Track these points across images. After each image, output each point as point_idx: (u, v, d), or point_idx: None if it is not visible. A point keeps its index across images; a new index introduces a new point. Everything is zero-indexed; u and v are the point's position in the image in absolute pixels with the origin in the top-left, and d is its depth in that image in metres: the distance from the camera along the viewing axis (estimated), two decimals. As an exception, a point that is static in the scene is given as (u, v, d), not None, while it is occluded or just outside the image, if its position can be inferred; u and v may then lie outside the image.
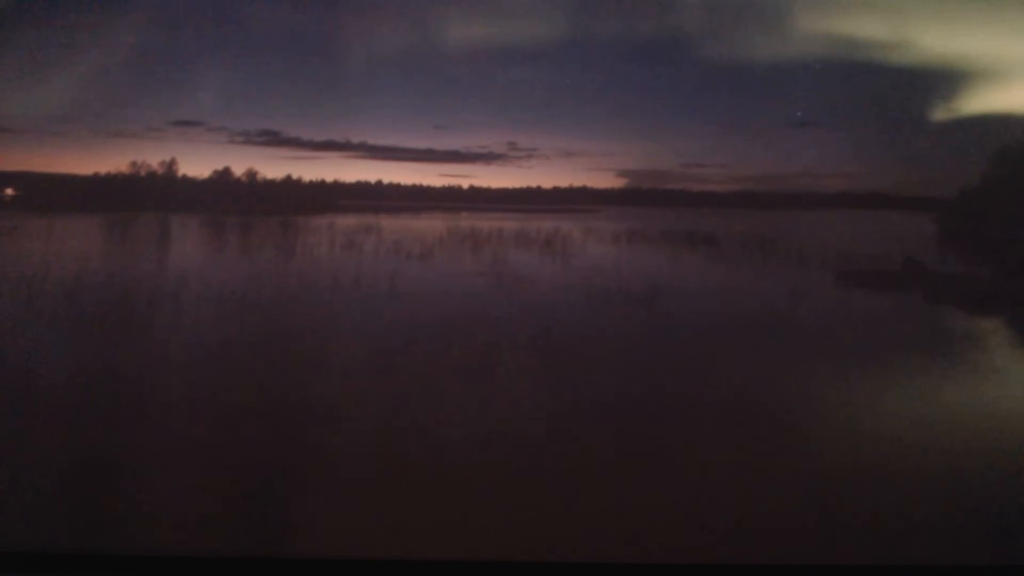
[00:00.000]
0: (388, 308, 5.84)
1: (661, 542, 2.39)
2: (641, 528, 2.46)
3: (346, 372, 4.21)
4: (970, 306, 6.26)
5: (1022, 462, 3.09)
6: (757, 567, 1.85)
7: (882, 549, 2.35)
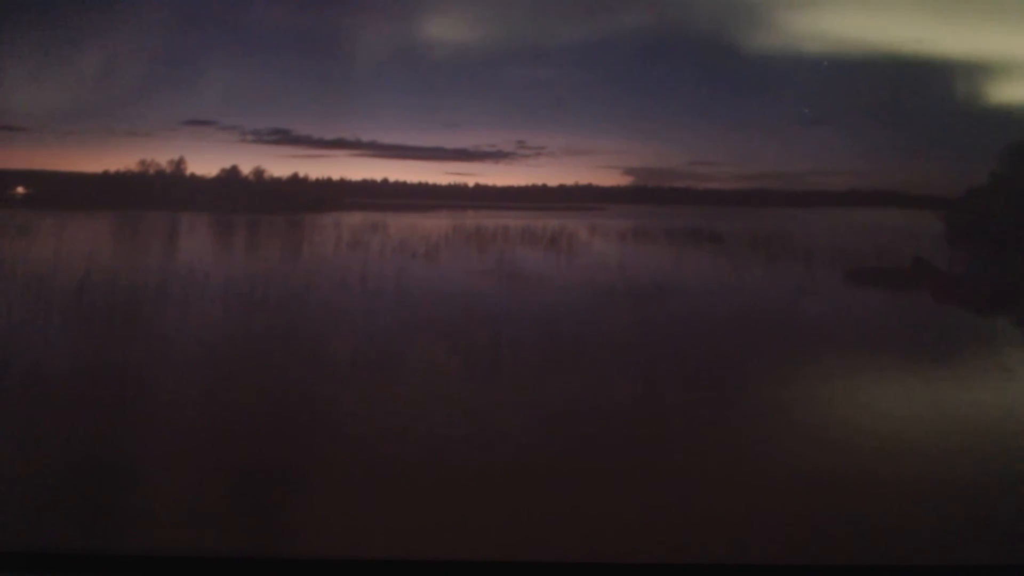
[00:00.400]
0: (393, 305, 5.85)
1: (664, 542, 2.38)
2: (643, 528, 2.45)
3: (350, 370, 4.21)
4: (980, 306, 6.21)
5: None
6: (757, 567, 1.84)
7: (891, 550, 2.33)
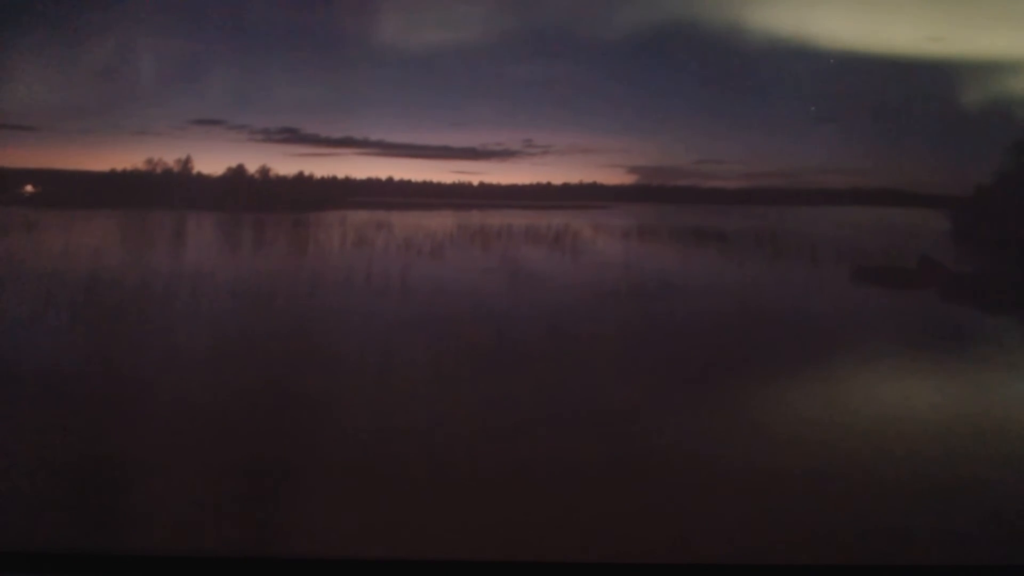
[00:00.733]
0: (397, 302, 5.85)
1: (666, 542, 2.37)
2: (644, 528, 2.44)
3: (355, 368, 4.20)
4: (986, 303, 6.17)
5: None
6: (757, 567, 1.83)
7: (892, 550, 2.32)
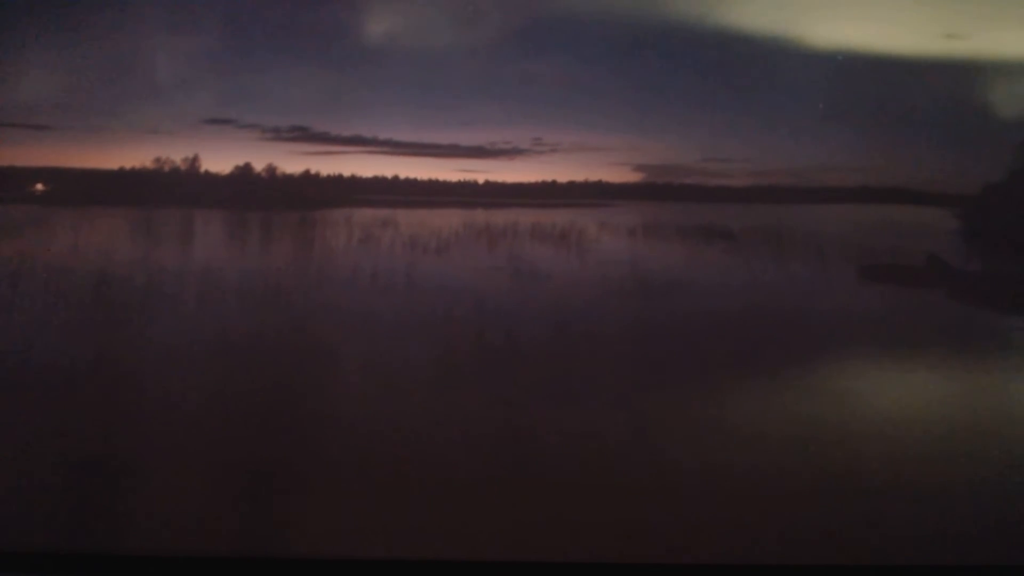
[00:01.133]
0: (402, 300, 5.85)
1: (667, 542, 2.36)
2: (646, 528, 2.44)
3: (361, 365, 4.19)
4: (996, 304, 6.14)
5: None
6: (757, 567, 1.82)
7: (891, 550, 2.30)
